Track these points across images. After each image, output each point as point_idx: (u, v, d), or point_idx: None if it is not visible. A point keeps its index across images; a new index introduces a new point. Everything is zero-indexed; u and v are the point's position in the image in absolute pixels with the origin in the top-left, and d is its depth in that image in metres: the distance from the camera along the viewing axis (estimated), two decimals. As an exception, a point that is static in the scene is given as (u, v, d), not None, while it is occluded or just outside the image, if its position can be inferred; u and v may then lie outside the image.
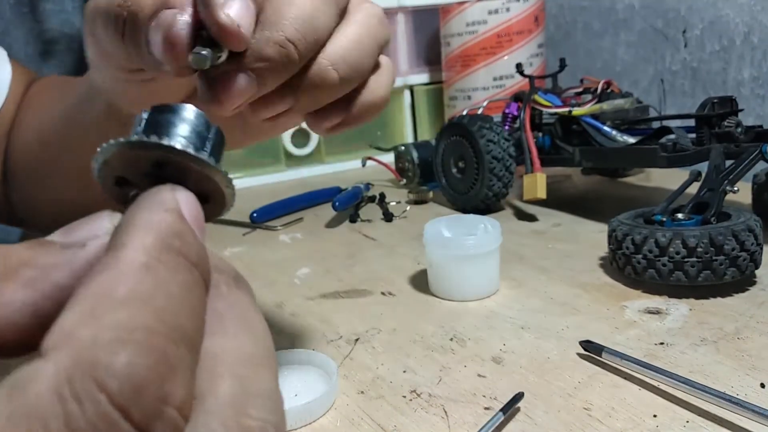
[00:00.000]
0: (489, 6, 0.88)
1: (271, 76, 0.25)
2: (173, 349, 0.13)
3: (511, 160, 0.69)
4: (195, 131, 0.18)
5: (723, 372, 0.38)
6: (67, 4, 1.28)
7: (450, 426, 0.35)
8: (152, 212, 0.15)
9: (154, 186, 0.17)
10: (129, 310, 0.12)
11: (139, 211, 0.15)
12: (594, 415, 0.35)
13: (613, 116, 0.69)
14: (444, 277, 0.51)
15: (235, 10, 0.23)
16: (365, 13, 0.29)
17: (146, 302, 0.13)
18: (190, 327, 0.14)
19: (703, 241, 0.46)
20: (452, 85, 0.94)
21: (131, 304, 0.12)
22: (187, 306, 0.14)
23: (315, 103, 0.29)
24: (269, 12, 0.25)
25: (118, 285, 0.13)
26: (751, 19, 0.82)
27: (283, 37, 0.25)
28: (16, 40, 1.28)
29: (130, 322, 0.12)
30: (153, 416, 0.12)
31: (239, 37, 0.23)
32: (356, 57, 0.28)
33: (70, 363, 0.11)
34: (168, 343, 0.12)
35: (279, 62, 0.25)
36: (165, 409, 0.12)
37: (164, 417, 0.12)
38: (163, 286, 0.13)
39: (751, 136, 0.57)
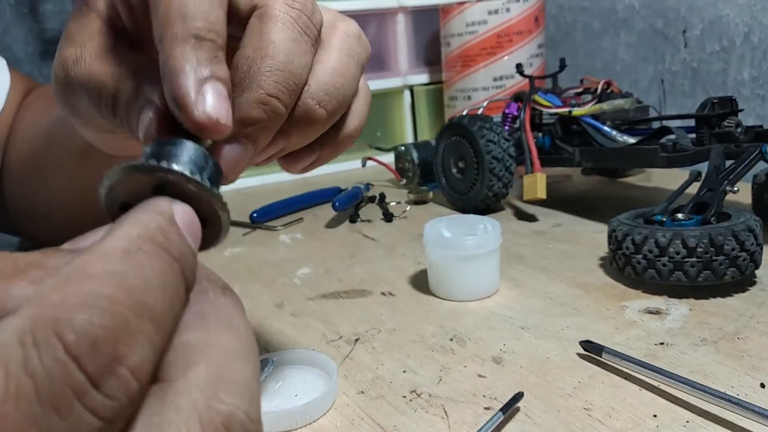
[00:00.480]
0: (489, 6, 0.88)
1: (263, 134, 0.25)
2: (134, 320, 0.14)
3: (511, 160, 0.69)
4: (193, 160, 0.20)
5: (723, 372, 0.38)
6: (67, 4, 1.29)
7: (450, 426, 0.35)
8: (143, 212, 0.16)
9: None
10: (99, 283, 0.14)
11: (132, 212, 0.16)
12: (594, 415, 0.35)
13: (613, 116, 0.69)
14: (444, 277, 0.51)
15: (210, 104, 0.22)
16: (342, 34, 0.28)
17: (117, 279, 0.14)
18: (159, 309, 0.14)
19: (703, 241, 0.46)
20: (452, 85, 0.94)
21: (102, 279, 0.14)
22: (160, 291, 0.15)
23: (306, 140, 0.29)
24: (243, 69, 0.25)
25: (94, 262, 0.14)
26: (751, 19, 0.82)
27: (264, 95, 0.24)
28: (16, 40, 1.29)
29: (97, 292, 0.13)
30: (105, 371, 0.13)
31: (220, 129, 0.22)
32: (340, 87, 0.27)
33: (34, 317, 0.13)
34: (130, 313, 0.14)
35: (267, 120, 0.25)
36: (118, 367, 0.13)
37: (117, 374, 0.13)
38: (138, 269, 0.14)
39: (751, 136, 0.57)
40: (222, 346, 0.16)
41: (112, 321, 0.13)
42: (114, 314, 0.13)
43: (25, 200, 0.58)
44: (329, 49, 0.28)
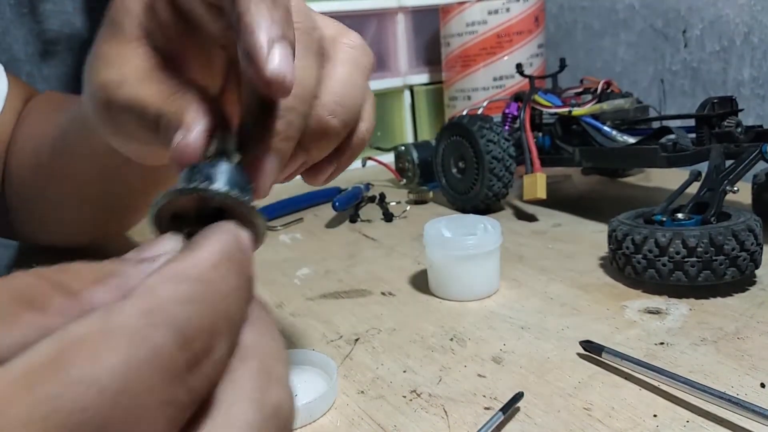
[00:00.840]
0: (489, 6, 0.88)
1: (285, 144, 0.27)
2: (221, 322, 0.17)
3: (511, 160, 0.69)
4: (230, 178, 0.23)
5: (723, 372, 0.38)
6: (67, 4, 1.29)
7: (450, 426, 0.35)
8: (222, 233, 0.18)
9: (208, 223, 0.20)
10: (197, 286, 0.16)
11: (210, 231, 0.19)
12: (594, 415, 0.35)
13: (613, 116, 0.69)
14: (444, 277, 0.51)
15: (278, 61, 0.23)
16: (346, 47, 0.30)
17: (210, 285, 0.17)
18: (235, 315, 0.17)
19: (703, 241, 0.46)
20: (452, 85, 0.94)
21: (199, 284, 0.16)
22: (236, 300, 0.17)
23: (324, 151, 0.30)
24: None
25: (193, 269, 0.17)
26: (751, 19, 0.82)
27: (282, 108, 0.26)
28: (16, 40, 1.28)
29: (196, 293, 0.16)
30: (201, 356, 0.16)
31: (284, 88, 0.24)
32: (350, 97, 0.29)
33: (149, 306, 0.15)
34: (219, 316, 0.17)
35: (288, 132, 0.27)
36: (210, 355, 0.16)
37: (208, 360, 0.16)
38: (224, 280, 0.17)
39: (751, 136, 0.57)
40: (267, 348, 0.19)
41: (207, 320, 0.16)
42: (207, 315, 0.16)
43: (32, 205, 0.58)
44: (336, 62, 0.29)
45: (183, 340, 0.15)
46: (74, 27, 1.31)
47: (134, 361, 0.15)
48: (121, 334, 0.15)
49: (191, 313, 0.16)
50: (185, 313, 0.16)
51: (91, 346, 0.14)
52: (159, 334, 0.15)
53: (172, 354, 0.15)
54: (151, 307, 0.15)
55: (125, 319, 0.15)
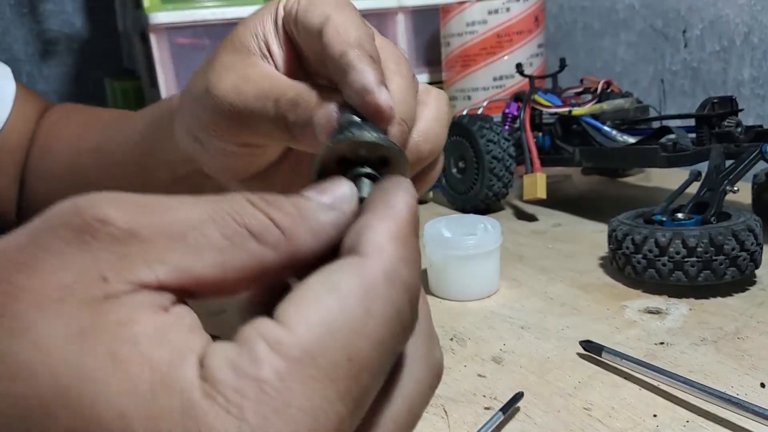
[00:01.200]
0: (489, 6, 0.88)
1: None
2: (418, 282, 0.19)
3: (511, 160, 0.69)
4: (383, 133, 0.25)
5: (723, 372, 0.38)
6: (67, 4, 1.29)
7: (450, 426, 0.35)
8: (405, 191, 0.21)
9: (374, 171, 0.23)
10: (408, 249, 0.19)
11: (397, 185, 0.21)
12: (594, 415, 0.35)
13: (613, 116, 0.69)
14: (444, 277, 0.51)
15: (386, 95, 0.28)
16: (436, 95, 0.34)
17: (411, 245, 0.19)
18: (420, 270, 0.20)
19: (703, 241, 0.46)
20: (452, 85, 0.94)
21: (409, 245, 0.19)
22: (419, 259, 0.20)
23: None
24: None
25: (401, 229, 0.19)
26: (751, 19, 0.82)
27: (399, 118, 0.30)
28: (16, 40, 1.29)
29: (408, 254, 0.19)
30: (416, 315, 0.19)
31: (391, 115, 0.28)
32: (437, 133, 0.33)
33: (386, 265, 0.18)
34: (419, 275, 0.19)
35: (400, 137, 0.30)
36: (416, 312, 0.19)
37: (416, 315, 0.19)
38: (415, 240, 0.20)
39: (751, 136, 0.57)
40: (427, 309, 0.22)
41: (417, 280, 0.19)
42: (417, 274, 0.19)
43: None
44: (428, 104, 0.33)
45: (411, 300, 0.18)
46: (74, 27, 1.31)
47: (389, 317, 0.17)
48: (375, 293, 0.17)
49: (412, 274, 0.18)
50: (409, 274, 0.18)
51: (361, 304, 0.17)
52: (399, 295, 0.18)
53: (408, 312, 0.18)
54: (388, 268, 0.18)
55: (374, 278, 0.18)
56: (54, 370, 0.15)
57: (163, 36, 0.86)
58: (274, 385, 0.15)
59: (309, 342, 0.16)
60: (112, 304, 0.16)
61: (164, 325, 0.16)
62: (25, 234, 0.17)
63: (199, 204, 0.18)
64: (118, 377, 0.15)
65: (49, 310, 0.16)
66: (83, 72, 1.32)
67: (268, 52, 0.35)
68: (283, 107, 0.31)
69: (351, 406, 0.16)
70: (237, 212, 0.18)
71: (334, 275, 0.18)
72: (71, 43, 1.31)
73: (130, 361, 0.15)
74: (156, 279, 0.17)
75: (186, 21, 0.85)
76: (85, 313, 0.16)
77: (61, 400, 0.15)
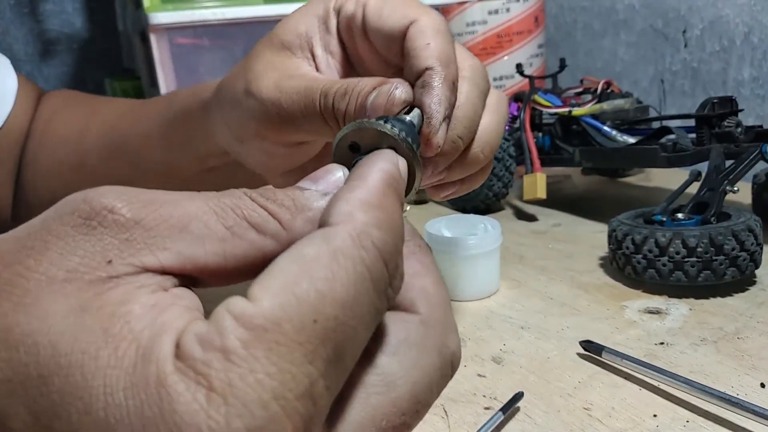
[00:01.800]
0: (489, 6, 0.88)
1: (443, 162, 0.32)
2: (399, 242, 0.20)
3: (511, 160, 0.69)
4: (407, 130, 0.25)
5: (723, 372, 0.38)
6: (67, 4, 1.29)
7: (450, 426, 0.35)
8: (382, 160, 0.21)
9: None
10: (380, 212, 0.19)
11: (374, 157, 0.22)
12: (594, 415, 0.35)
13: (613, 116, 0.69)
14: (444, 277, 0.50)
15: (440, 137, 0.30)
16: (497, 100, 0.35)
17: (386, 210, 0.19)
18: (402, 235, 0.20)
19: (703, 241, 0.46)
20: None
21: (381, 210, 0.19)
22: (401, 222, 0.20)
23: (461, 175, 0.35)
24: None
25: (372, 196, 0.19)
26: (751, 19, 0.82)
27: (456, 135, 0.31)
28: (16, 40, 1.29)
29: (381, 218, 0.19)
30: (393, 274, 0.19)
31: (433, 152, 0.30)
32: (495, 141, 0.34)
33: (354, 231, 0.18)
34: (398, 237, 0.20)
35: (451, 154, 0.32)
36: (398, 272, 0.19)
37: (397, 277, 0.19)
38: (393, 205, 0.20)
39: (751, 136, 0.57)
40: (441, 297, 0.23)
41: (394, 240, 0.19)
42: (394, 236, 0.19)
43: None
44: (491, 111, 0.34)
45: (385, 259, 0.18)
46: (74, 27, 1.31)
47: (358, 277, 0.18)
48: (343, 255, 0.17)
49: (386, 235, 0.19)
50: (382, 235, 0.18)
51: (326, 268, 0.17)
52: (370, 255, 0.18)
53: (381, 271, 0.18)
54: (357, 232, 0.18)
55: (341, 243, 0.18)
56: (53, 341, 0.16)
57: (163, 36, 0.86)
58: (239, 354, 0.16)
59: (272, 309, 0.16)
60: (114, 284, 0.17)
61: (158, 303, 0.18)
62: (38, 220, 0.19)
63: (201, 198, 0.20)
64: (108, 350, 0.16)
65: (55, 288, 0.17)
66: (83, 72, 1.32)
67: (311, 54, 0.35)
68: (334, 98, 0.31)
69: (322, 367, 0.17)
70: (237, 205, 0.19)
71: (301, 247, 0.18)
72: (71, 43, 1.31)
73: (119, 337, 0.17)
74: (159, 263, 0.18)
75: (186, 21, 0.85)
76: (87, 291, 0.17)
77: (56, 368, 0.16)
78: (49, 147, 0.56)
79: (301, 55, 0.35)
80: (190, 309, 0.18)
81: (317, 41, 0.35)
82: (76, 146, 0.54)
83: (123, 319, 0.17)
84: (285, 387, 0.16)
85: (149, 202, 0.19)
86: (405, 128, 0.25)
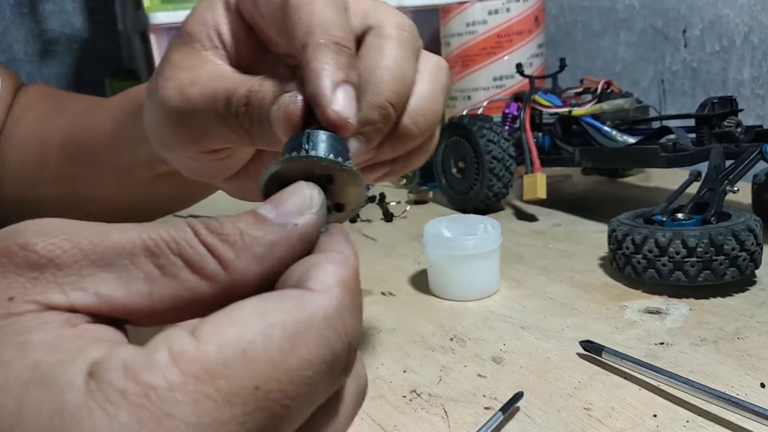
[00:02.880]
0: (489, 6, 0.88)
1: (376, 136, 0.28)
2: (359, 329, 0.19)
3: (511, 160, 0.69)
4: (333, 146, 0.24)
5: (723, 372, 0.38)
6: (67, 4, 1.29)
7: (450, 426, 0.35)
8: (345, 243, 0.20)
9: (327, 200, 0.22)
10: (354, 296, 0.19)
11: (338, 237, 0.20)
12: (594, 415, 0.35)
13: (613, 116, 0.69)
14: (444, 277, 0.51)
15: (341, 104, 0.25)
16: (435, 66, 0.31)
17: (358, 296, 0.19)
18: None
19: (703, 241, 0.46)
20: (452, 85, 0.94)
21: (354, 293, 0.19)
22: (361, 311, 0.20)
23: (393, 153, 0.31)
24: (366, 75, 0.28)
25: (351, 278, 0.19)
26: (751, 19, 0.82)
27: (384, 100, 0.28)
28: (16, 40, 1.28)
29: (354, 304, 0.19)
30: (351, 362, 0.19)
31: (347, 127, 0.25)
32: (430, 112, 0.31)
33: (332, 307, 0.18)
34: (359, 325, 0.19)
35: (382, 123, 0.28)
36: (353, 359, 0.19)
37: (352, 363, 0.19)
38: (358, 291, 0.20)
39: (751, 136, 0.57)
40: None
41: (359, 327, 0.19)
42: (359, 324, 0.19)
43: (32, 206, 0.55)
44: (425, 78, 0.31)
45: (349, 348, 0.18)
46: (74, 27, 1.31)
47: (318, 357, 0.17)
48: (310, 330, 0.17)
49: (354, 323, 0.18)
50: (352, 322, 0.18)
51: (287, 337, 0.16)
52: (338, 338, 0.18)
53: (342, 356, 0.18)
54: (333, 310, 0.18)
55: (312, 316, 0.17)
56: None
57: (163, 36, 0.86)
58: (161, 394, 0.15)
59: (214, 361, 0.15)
60: (13, 320, 0.17)
61: (63, 336, 0.17)
62: None
63: (136, 230, 0.18)
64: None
65: None
66: (83, 72, 1.32)
67: (220, 42, 0.32)
68: (235, 107, 0.28)
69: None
70: (175, 240, 0.18)
71: (269, 302, 0.17)
72: (71, 43, 1.31)
73: (13, 363, 0.16)
74: (68, 302, 0.17)
75: (186, 21, 0.85)
76: None
77: None
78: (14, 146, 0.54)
79: (209, 46, 0.31)
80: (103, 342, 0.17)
81: (224, 27, 0.31)
82: (39, 145, 0.52)
83: (19, 348, 0.16)
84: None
85: (74, 235, 0.18)
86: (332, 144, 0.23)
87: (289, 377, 0.16)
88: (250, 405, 0.16)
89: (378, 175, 0.33)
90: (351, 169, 0.23)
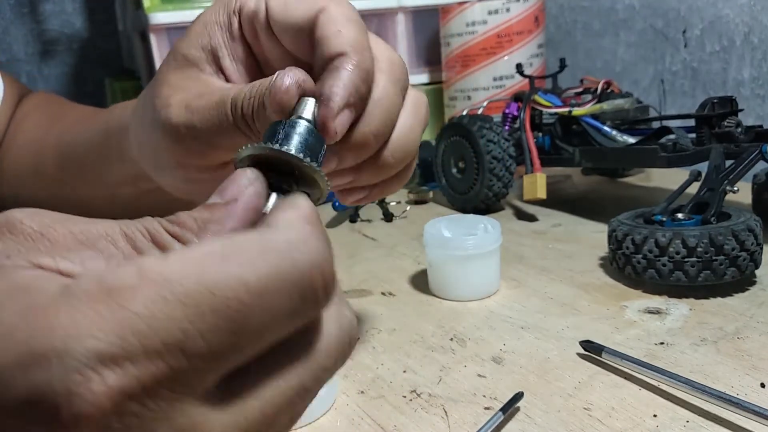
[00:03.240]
0: (489, 6, 0.88)
1: (350, 158, 0.31)
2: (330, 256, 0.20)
3: (511, 160, 0.69)
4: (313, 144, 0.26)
5: (723, 372, 0.38)
6: (67, 4, 1.29)
7: (450, 426, 0.35)
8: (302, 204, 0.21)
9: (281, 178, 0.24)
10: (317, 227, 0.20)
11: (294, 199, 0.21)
12: (594, 415, 0.35)
13: (613, 116, 0.69)
14: (444, 277, 0.51)
15: (341, 123, 0.28)
16: (416, 102, 0.33)
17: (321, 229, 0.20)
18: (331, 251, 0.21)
19: (703, 241, 0.46)
20: (452, 85, 0.94)
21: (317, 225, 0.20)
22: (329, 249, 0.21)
23: (371, 181, 0.34)
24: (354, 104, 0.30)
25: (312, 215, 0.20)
26: (751, 19, 0.82)
27: (369, 132, 0.30)
28: (16, 40, 1.29)
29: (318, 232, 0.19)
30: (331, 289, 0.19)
31: (333, 139, 0.28)
32: (409, 145, 0.33)
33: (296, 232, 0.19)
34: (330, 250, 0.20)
35: (360, 149, 0.30)
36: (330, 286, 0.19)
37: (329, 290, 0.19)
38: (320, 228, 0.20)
39: (751, 136, 0.57)
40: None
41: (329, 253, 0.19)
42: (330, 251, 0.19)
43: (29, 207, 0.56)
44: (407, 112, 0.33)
45: (322, 272, 0.18)
46: (74, 27, 1.31)
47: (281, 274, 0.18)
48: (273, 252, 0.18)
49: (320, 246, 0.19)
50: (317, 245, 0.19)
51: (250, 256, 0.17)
52: (303, 259, 0.18)
53: (309, 280, 0.18)
54: (293, 236, 0.18)
55: (274, 242, 0.18)
56: None
57: (163, 36, 0.86)
58: (120, 292, 0.16)
59: (173, 271, 0.17)
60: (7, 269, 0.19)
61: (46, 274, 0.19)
62: None
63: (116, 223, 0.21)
64: None
65: None
66: (83, 72, 1.32)
67: (218, 67, 0.33)
68: (242, 105, 0.30)
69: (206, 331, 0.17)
70: (147, 230, 0.21)
71: (236, 234, 0.19)
72: (71, 43, 1.31)
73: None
74: (56, 266, 0.19)
75: (186, 21, 0.85)
76: None
77: None
78: (14, 150, 0.55)
79: (209, 71, 0.33)
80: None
81: (224, 52, 0.33)
82: (36, 150, 0.53)
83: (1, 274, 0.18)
84: (151, 330, 0.16)
85: (60, 221, 0.20)
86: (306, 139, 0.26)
87: (246, 287, 0.17)
88: (204, 306, 0.17)
89: (357, 197, 0.35)
90: (310, 166, 0.25)
